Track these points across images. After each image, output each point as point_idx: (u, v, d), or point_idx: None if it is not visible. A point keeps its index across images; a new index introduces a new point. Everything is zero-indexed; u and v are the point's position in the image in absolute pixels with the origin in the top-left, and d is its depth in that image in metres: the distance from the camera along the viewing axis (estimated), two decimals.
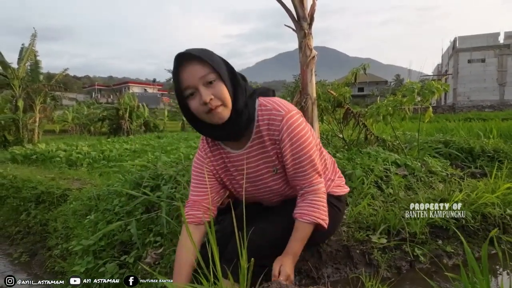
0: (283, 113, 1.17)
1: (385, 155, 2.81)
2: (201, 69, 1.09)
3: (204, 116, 1.15)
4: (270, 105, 1.21)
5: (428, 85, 2.96)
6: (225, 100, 1.13)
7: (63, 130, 24.74)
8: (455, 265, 1.57)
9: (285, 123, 1.17)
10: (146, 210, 2.27)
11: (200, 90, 1.09)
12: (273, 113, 1.19)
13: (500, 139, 4.39)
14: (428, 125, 7.00)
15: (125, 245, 2.13)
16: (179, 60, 1.10)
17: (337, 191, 1.44)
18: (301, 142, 1.19)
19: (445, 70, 33.30)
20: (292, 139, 1.18)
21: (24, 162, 6.22)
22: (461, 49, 27.95)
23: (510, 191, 2.04)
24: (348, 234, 1.65)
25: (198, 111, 1.14)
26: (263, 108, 1.21)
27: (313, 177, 1.23)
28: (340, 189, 1.46)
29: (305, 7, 2.79)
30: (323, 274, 1.48)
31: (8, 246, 3.45)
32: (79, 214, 2.76)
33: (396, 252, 1.60)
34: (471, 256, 0.94)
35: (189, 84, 1.10)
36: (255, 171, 1.29)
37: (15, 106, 11.49)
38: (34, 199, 3.62)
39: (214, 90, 1.11)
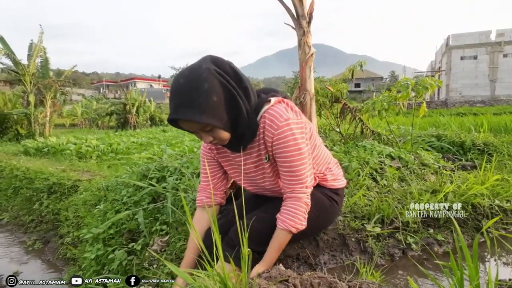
0: (279, 124, 1.15)
1: (380, 148, 2.81)
2: (197, 124, 1.08)
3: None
4: (270, 115, 1.18)
5: (422, 81, 2.95)
6: (224, 140, 1.17)
7: (72, 124, 24.76)
8: (445, 253, 1.59)
9: (277, 134, 1.15)
10: (153, 200, 2.29)
11: (201, 135, 1.13)
12: (269, 124, 1.17)
13: (490, 133, 4.39)
14: (422, 120, 6.99)
15: (132, 233, 2.14)
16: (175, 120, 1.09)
17: (335, 184, 1.43)
18: (290, 155, 1.17)
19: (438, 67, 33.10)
20: (282, 149, 1.17)
21: (36, 154, 6.24)
22: (454, 46, 27.76)
23: (499, 183, 2.05)
24: (344, 223, 1.66)
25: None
26: (264, 119, 1.19)
27: (297, 186, 1.20)
28: (338, 182, 1.45)
29: (304, 5, 2.76)
30: (320, 261, 1.49)
31: (22, 234, 3.48)
32: (89, 204, 2.78)
33: (390, 240, 1.61)
34: (464, 244, 0.95)
35: (189, 130, 1.14)
36: (253, 171, 1.32)
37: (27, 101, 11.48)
38: (46, 189, 3.64)
39: (213, 134, 1.13)
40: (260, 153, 1.25)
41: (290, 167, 1.18)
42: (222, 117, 1.08)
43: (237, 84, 1.11)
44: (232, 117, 1.11)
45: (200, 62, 1.09)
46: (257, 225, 1.18)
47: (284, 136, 1.15)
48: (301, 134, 1.19)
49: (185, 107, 1.04)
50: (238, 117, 1.12)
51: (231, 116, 1.11)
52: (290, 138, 1.15)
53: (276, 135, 1.16)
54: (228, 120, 1.10)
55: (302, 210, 1.20)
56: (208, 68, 1.05)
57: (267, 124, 1.18)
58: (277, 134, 1.15)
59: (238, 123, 1.13)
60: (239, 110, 1.11)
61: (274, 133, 1.16)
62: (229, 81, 1.08)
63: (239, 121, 1.13)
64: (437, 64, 34.45)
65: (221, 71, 1.07)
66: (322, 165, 1.40)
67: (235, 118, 1.12)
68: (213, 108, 1.05)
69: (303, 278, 0.94)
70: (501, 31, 26.88)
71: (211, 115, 1.05)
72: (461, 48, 27.51)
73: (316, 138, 1.38)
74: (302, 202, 1.20)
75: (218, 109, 1.06)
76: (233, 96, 1.09)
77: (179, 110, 1.04)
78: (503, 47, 26.61)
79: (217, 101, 1.05)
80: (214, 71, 1.06)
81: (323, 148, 1.45)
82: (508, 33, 26.64)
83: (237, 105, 1.10)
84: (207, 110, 1.04)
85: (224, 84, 1.07)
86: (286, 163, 1.18)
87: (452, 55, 27.90)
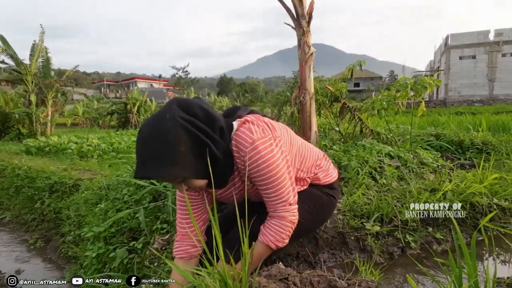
0: (246, 150, 1.08)
1: (379, 147, 2.81)
2: (169, 179, 1.08)
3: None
4: (236, 142, 1.11)
5: (421, 81, 2.95)
6: (201, 186, 1.11)
7: (74, 123, 24.74)
8: (444, 251, 1.58)
9: (248, 159, 1.08)
10: (153, 199, 2.29)
11: (176, 185, 1.11)
12: (237, 151, 1.11)
13: (488, 132, 4.38)
14: (421, 119, 6.98)
15: (133, 232, 2.14)
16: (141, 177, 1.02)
17: (328, 180, 1.42)
18: (266, 177, 1.10)
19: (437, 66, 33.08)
20: (256, 173, 1.10)
21: (37, 153, 6.24)
22: (453, 46, 27.75)
23: (497, 181, 2.05)
24: (344, 221, 1.66)
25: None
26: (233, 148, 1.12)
27: (279, 205, 1.14)
28: (331, 177, 1.43)
29: (304, 5, 2.76)
30: (319, 259, 1.49)
31: (24, 233, 3.49)
32: (90, 203, 2.78)
33: (389, 238, 1.61)
34: (463, 242, 0.95)
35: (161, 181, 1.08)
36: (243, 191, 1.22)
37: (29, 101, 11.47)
38: (48, 188, 3.64)
39: (188, 183, 1.07)
40: (242, 179, 1.19)
41: (269, 188, 1.12)
42: (192, 166, 1.01)
43: (209, 126, 1.05)
44: (205, 162, 1.02)
45: (165, 110, 1.02)
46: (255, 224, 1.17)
47: (254, 160, 1.08)
48: (272, 151, 1.10)
49: (151, 161, 0.98)
50: (212, 161, 1.03)
51: (203, 162, 1.02)
52: (261, 161, 1.08)
53: (247, 161, 1.08)
54: (201, 167, 1.03)
55: (286, 229, 1.14)
56: (173, 116, 0.98)
57: (235, 152, 1.11)
58: (248, 160, 1.08)
59: (215, 166, 1.04)
60: (212, 154, 1.03)
61: (244, 159, 1.09)
62: (199, 126, 1.01)
63: (214, 165, 1.04)
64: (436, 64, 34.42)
65: (188, 117, 1.01)
66: (312, 165, 1.37)
67: (208, 162, 1.02)
68: (180, 159, 0.98)
69: (302, 276, 0.94)
70: (500, 31, 26.87)
71: (178, 167, 0.99)
72: (459, 48, 27.51)
73: (297, 139, 1.34)
74: (286, 221, 1.14)
75: (186, 159, 0.99)
76: (202, 142, 1.02)
77: (145, 165, 0.98)
78: (502, 47, 26.59)
79: (184, 151, 0.98)
80: (179, 118, 0.99)
81: (308, 146, 1.40)
82: (506, 33, 26.63)
83: (210, 149, 1.03)
84: (174, 162, 0.98)
85: (191, 131, 1.00)
86: (264, 185, 1.12)
87: (451, 55, 27.89)
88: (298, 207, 1.20)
